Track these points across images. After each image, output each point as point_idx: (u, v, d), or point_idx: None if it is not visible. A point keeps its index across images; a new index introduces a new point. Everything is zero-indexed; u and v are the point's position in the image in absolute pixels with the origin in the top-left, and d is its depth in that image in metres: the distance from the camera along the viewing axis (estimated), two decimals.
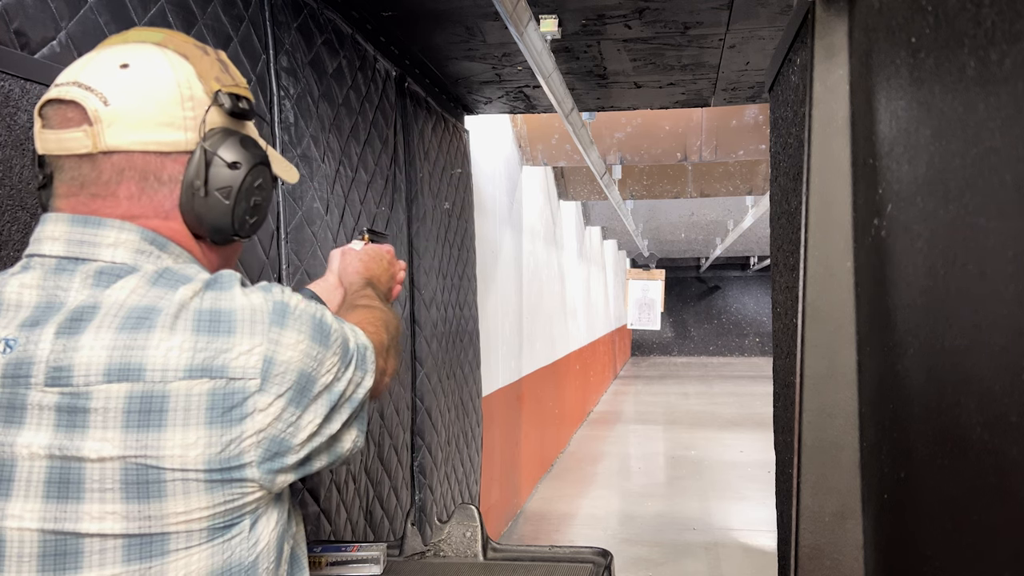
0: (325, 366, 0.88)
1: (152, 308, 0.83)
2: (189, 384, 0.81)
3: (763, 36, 2.77)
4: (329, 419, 0.90)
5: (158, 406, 0.80)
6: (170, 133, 0.88)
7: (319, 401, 0.88)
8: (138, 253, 0.88)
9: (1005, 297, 0.70)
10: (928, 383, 0.91)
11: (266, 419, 0.83)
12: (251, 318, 0.84)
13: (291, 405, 0.85)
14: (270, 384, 0.83)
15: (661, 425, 9.73)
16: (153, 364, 0.80)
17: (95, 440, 0.79)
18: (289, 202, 2.01)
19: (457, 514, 1.71)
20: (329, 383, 0.89)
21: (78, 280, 0.85)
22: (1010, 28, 0.68)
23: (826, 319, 1.24)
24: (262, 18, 1.94)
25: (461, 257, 3.54)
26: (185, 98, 0.89)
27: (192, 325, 0.82)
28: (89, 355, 0.80)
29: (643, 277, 10.93)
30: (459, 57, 2.97)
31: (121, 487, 0.80)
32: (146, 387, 0.80)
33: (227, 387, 0.82)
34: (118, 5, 1.43)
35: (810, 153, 1.27)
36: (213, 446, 0.81)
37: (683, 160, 5.35)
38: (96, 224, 0.87)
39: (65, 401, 0.80)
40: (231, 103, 0.92)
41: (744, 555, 4.80)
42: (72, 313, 0.83)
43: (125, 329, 0.81)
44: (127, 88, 0.87)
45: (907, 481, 0.99)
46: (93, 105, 0.86)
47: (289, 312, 0.87)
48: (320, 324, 0.89)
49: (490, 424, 4.62)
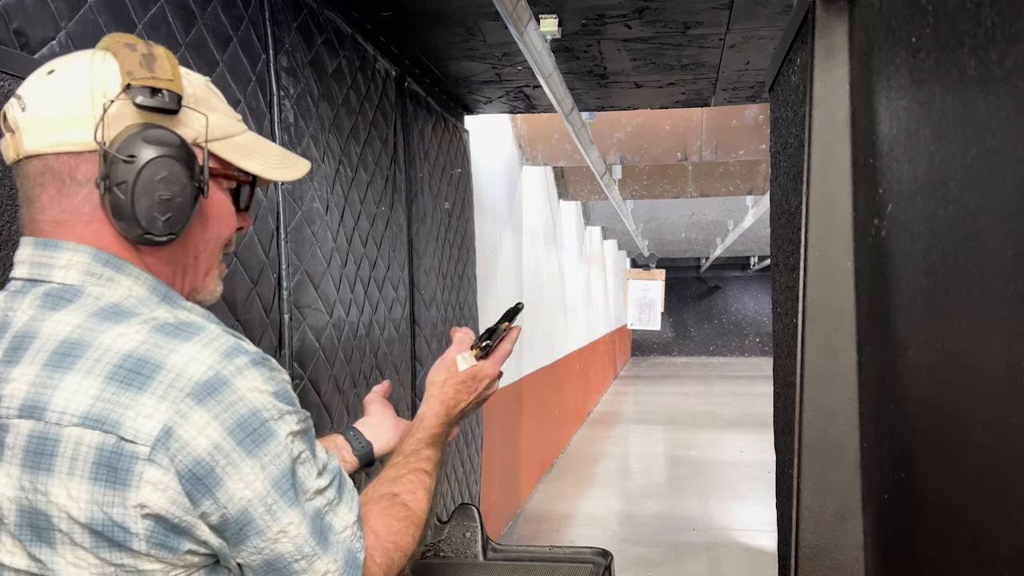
0: (240, 470, 0.79)
1: (79, 343, 0.80)
2: (81, 432, 0.77)
3: (763, 36, 2.77)
4: (229, 542, 0.81)
5: (50, 449, 0.77)
6: (79, 132, 0.85)
7: (221, 506, 0.79)
8: (87, 275, 0.85)
9: (1005, 297, 0.70)
10: (928, 383, 0.91)
11: (152, 493, 0.77)
12: (172, 382, 0.78)
13: (182, 488, 0.78)
14: (161, 457, 0.77)
15: (661, 425, 9.73)
16: (55, 405, 0.78)
17: (3, 475, 0.79)
18: (289, 202, 2.01)
19: (457, 514, 1.71)
20: (243, 496, 0.80)
21: (27, 302, 0.84)
22: (1010, 28, 0.68)
23: (826, 319, 1.24)
24: (262, 18, 1.94)
25: (461, 257, 3.54)
26: (96, 95, 0.86)
27: (108, 371, 0.78)
28: (14, 388, 0.79)
29: (643, 277, 10.93)
30: (459, 57, 2.96)
31: (17, 527, 0.79)
32: (44, 427, 0.77)
33: (116, 445, 0.76)
34: (118, 5, 1.43)
35: (810, 153, 1.27)
36: (96, 504, 0.76)
37: (683, 160, 5.35)
38: (53, 247, 0.86)
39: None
40: (143, 96, 0.86)
41: (744, 555, 4.80)
42: (13, 340, 0.82)
43: (48, 365, 0.79)
44: (43, 92, 0.86)
45: (907, 481, 0.99)
46: (13, 113, 0.86)
47: (220, 392, 0.79)
48: (256, 426, 0.80)
49: (490, 424, 4.62)
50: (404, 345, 2.83)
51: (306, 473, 0.86)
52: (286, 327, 1.98)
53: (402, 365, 2.81)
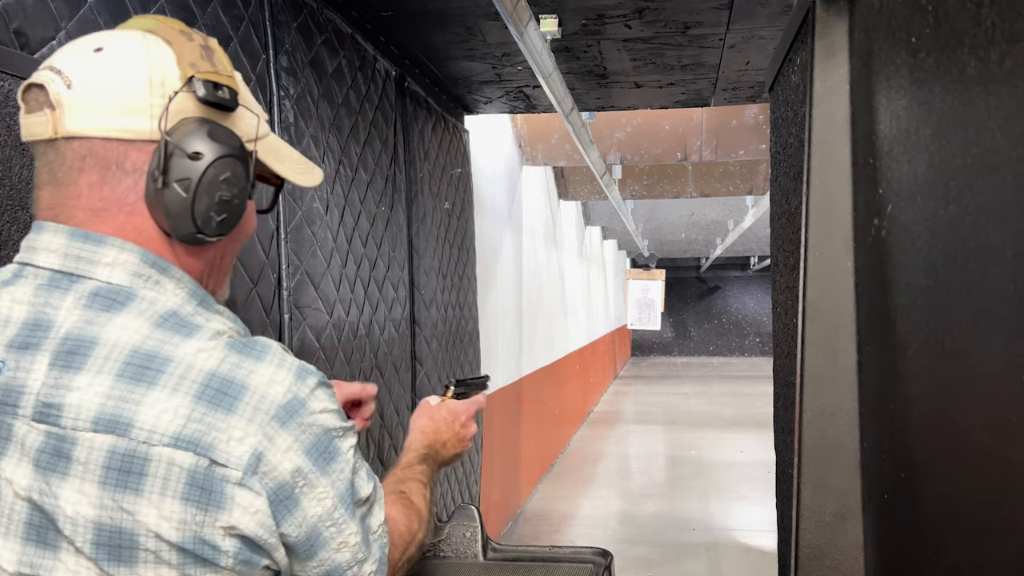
0: (315, 489, 0.81)
1: (155, 355, 0.78)
2: (172, 453, 0.75)
3: (763, 36, 2.77)
4: (303, 555, 0.83)
5: (139, 468, 0.75)
6: (134, 120, 0.82)
7: (297, 525, 0.81)
8: (135, 276, 0.83)
9: (1005, 297, 0.70)
10: (928, 383, 0.91)
11: (243, 516, 0.77)
12: (258, 404, 0.78)
13: (270, 510, 0.79)
14: (253, 481, 0.78)
15: (661, 425, 9.73)
16: (142, 422, 0.75)
17: (73, 491, 0.75)
18: (289, 202, 2.01)
19: (457, 514, 1.71)
20: (315, 513, 0.82)
21: (70, 299, 0.80)
22: (1010, 28, 0.68)
23: (826, 319, 1.24)
24: (262, 18, 1.94)
25: (461, 257, 3.54)
26: (155, 84, 0.83)
27: (196, 389, 0.77)
28: (82, 397, 0.76)
29: (643, 277, 10.93)
30: (459, 57, 2.96)
31: (92, 545, 0.76)
32: (130, 445, 0.75)
33: (208, 469, 0.76)
34: (118, 5, 1.43)
35: (810, 153, 1.27)
36: (187, 524, 0.76)
37: (683, 160, 5.35)
38: (96, 241, 0.82)
39: (51, 442, 0.76)
40: (206, 90, 0.85)
41: (744, 555, 4.80)
42: (67, 343, 0.78)
43: (125, 377, 0.76)
44: (94, 72, 0.81)
45: (907, 481, 0.99)
46: (56, 88, 0.81)
47: (300, 414, 0.80)
48: (328, 447, 0.83)
49: (490, 424, 4.62)
50: (404, 345, 2.83)
51: (360, 483, 0.88)
52: (286, 327, 1.98)
53: (402, 365, 2.81)
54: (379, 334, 2.56)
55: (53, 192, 0.83)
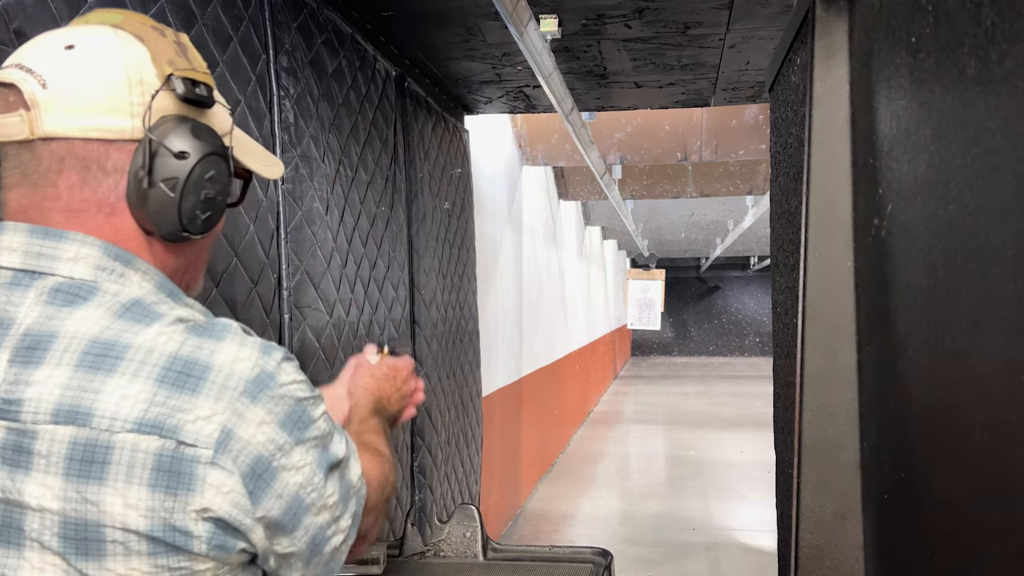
0: (292, 459, 0.80)
1: (114, 344, 0.76)
2: (136, 439, 0.74)
3: (763, 36, 2.77)
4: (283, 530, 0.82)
5: (101, 456, 0.73)
6: (114, 119, 0.81)
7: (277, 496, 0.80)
8: (98, 269, 0.81)
9: (1005, 297, 0.70)
10: (928, 383, 0.91)
11: (215, 497, 0.76)
12: (224, 381, 0.77)
13: (246, 492, 0.77)
14: (225, 459, 0.76)
15: (661, 425, 9.73)
16: (103, 410, 0.74)
17: (36, 485, 0.74)
18: (289, 202, 2.01)
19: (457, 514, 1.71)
20: (295, 482, 0.81)
21: (31, 296, 0.78)
22: (1010, 28, 0.68)
23: (826, 319, 1.24)
24: (262, 18, 1.94)
25: (461, 257, 3.54)
26: (133, 82, 0.81)
27: (157, 374, 0.75)
28: (40, 391, 0.74)
29: (643, 277, 10.93)
30: (459, 57, 2.97)
31: (60, 540, 0.74)
32: (91, 434, 0.74)
33: (176, 451, 0.74)
34: (118, 5, 1.43)
35: (810, 153, 1.27)
36: (156, 511, 0.74)
37: (683, 160, 5.36)
38: (57, 237, 0.80)
39: (12, 438, 0.75)
40: (184, 88, 0.84)
41: (744, 555, 4.80)
42: (28, 339, 0.77)
43: (83, 367, 0.75)
44: (69, 70, 0.80)
45: (907, 481, 0.99)
46: (30, 88, 0.79)
47: (269, 387, 0.79)
48: (301, 415, 0.82)
49: (490, 424, 4.62)
50: (404, 345, 2.83)
51: (335, 446, 0.87)
52: (286, 327, 1.98)
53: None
54: (379, 334, 2.56)
55: (27, 194, 0.82)
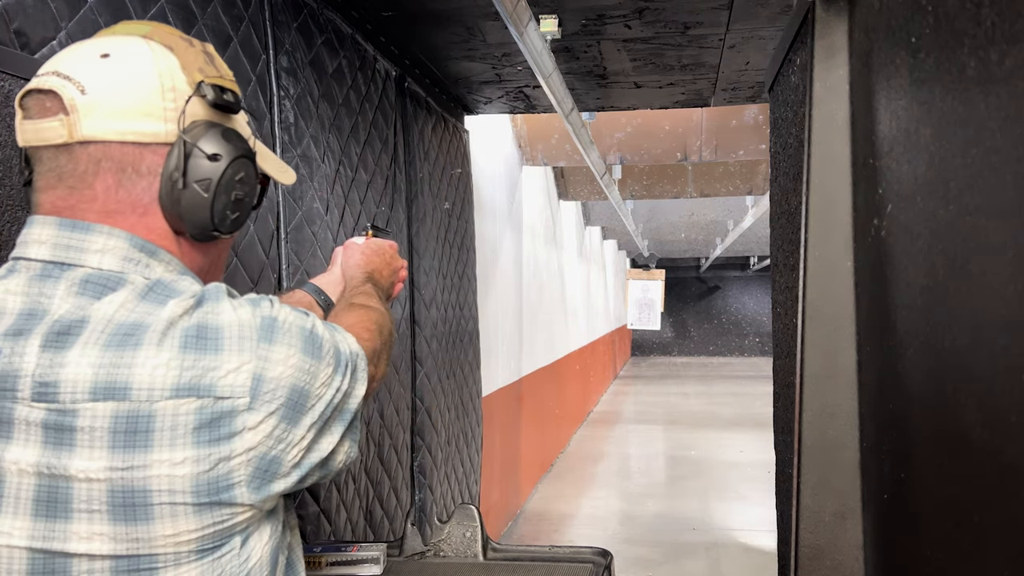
0: (319, 379, 0.87)
1: (139, 324, 0.81)
2: (176, 403, 0.79)
3: (763, 36, 2.77)
4: (322, 433, 0.88)
5: (144, 426, 0.78)
6: (149, 124, 0.86)
7: (312, 415, 0.86)
8: (126, 260, 0.86)
9: (1005, 297, 0.70)
10: (928, 383, 0.91)
11: (256, 437, 0.82)
12: (239, 334, 0.83)
13: (283, 422, 0.83)
14: (259, 402, 0.82)
15: (661, 425, 9.73)
16: (139, 383, 0.78)
17: (82, 459, 0.78)
18: (289, 202, 2.01)
19: (457, 514, 1.71)
20: (323, 396, 0.87)
21: (63, 287, 0.83)
22: (1010, 28, 0.68)
23: (826, 319, 1.24)
24: (262, 18, 1.94)
25: (461, 257, 3.54)
26: (166, 88, 0.87)
27: (179, 342, 0.80)
28: (75, 372, 0.78)
29: (643, 277, 10.93)
30: (459, 57, 2.96)
31: (108, 508, 0.78)
32: (132, 406, 0.78)
33: (215, 406, 0.80)
34: (118, 5, 1.43)
35: (810, 153, 1.27)
36: (201, 467, 0.80)
37: (683, 160, 5.36)
38: (84, 229, 0.85)
39: (52, 418, 0.78)
40: (214, 94, 0.90)
41: (744, 555, 4.80)
42: (58, 325, 0.81)
43: (111, 346, 0.79)
44: (106, 77, 0.85)
45: (907, 481, 0.99)
46: (70, 94, 0.84)
47: (278, 326, 0.85)
48: (311, 336, 0.87)
49: (490, 424, 4.62)
50: (404, 345, 2.83)
51: (344, 347, 0.92)
52: None
53: (402, 365, 2.81)
54: None
55: (62, 196, 0.86)
